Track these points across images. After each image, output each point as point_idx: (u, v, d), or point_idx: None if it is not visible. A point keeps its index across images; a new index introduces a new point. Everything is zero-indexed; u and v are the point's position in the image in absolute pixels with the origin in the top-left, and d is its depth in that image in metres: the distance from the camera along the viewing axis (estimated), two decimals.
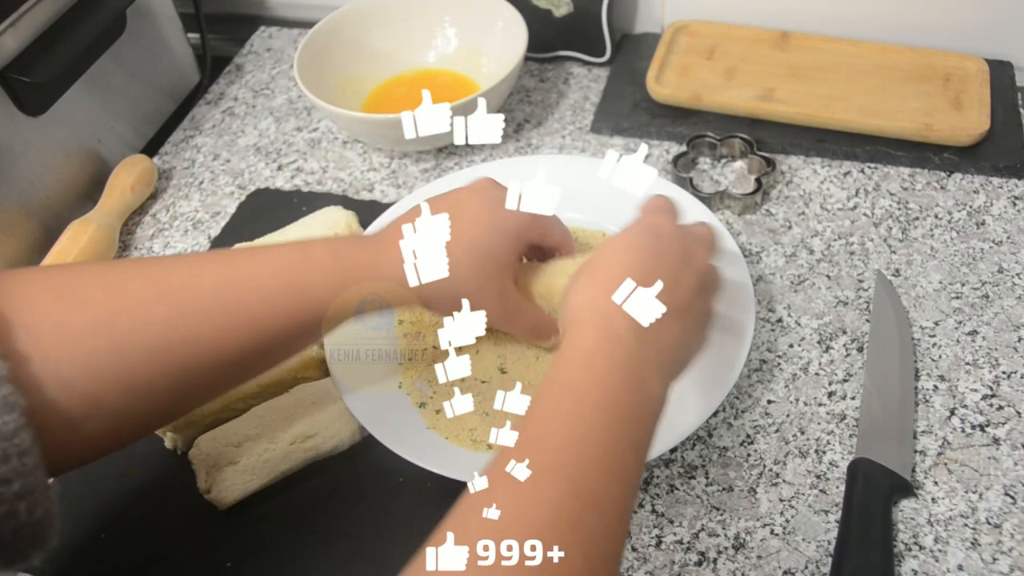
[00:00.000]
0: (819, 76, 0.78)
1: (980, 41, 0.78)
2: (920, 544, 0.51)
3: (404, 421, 0.56)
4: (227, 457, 0.54)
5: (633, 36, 0.88)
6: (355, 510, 0.55)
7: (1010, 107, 0.75)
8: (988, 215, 0.69)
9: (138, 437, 0.48)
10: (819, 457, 0.55)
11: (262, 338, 0.47)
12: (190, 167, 0.82)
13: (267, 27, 0.99)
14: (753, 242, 0.69)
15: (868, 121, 0.73)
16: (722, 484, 0.55)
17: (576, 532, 0.36)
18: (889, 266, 0.66)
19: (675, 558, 0.52)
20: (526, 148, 0.79)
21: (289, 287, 0.47)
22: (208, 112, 0.88)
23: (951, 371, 0.59)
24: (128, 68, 0.81)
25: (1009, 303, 0.62)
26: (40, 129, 0.72)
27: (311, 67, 0.77)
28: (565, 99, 0.84)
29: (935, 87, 0.76)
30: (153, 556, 0.55)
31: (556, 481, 0.37)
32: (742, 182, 0.73)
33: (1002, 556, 0.50)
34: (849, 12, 0.81)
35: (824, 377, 0.60)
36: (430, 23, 0.84)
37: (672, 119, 0.78)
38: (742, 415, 0.58)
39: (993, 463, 0.54)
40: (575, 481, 0.37)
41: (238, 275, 0.47)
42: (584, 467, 0.38)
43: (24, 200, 0.71)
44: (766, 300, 0.64)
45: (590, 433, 0.39)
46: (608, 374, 0.41)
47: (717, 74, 0.80)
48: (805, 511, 0.53)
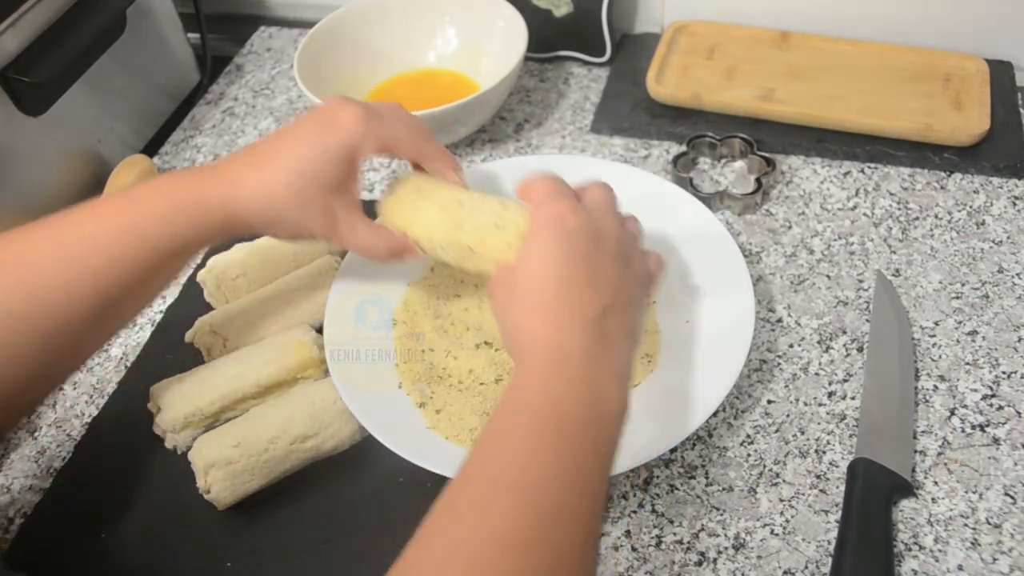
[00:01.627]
0: (819, 76, 0.78)
1: (980, 41, 0.78)
2: (920, 544, 0.51)
3: (404, 421, 0.56)
4: (227, 457, 0.53)
5: (633, 36, 0.88)
6: (355, 510, 0.55)
7: (1010, 107, 0.75)
8: (988, 215, 0.69)
9: (25, 407, 0.51)
10: (819, 457, 0.55)
11: (108, 287, 0.48)
12: (190, 167, 0.82)
13: (267, 27, 0.99)
14: (753, 242, 0.69)
15: (868, 121, 0.73)
16: (722, 484, 0.55)
17: (539, 545, 0.36)
18: (889, 266, 0.66)
19: (675, 558, 0.52)
20: (526, 148, 0.79)
21: (120, 232, 0.48)
22: (208, 112, 0.88)
23: (951, 371, 0.59)
24: (128, 68, 0.81)
25: (1009, 303, 0.62)
26: (40, 129, 0.72)
27: (311, 67, 0.77)
28: (565, 99, 0.84)
29: (935, 87, 0.76)
30: (153, 556, 0.54)
31: (516, 496, 0.37)
32: (742, 182, 0.73)
33: (1002, 556, 0.50)
34: (849, 12, 0.81)
35: (824, 377, 0.59)
36: (430, 23, 0.84)
37: (672, 119, 0.78)
38: (742, 415, 0.58)
39: (993, 463, 0.54)
40: (534, 494, 0.37)
41: (69, 232, 0.48)
42: (543, 481, 0.38)
43: (24, 200, 0.71)
44: (766, 300, 0.64)
45: (547, 448, 0.39)
46: (562, 392, 0.41)
47: (717, 74, 0.80)
48: (805, 511, 0.53)
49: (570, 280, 0.43)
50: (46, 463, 0.60)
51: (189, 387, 0.58)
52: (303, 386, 0.59)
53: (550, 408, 0.40)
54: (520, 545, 0.36)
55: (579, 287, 0.43)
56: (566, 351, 0.42)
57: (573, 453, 0.39)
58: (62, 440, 0.61)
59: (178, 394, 0.58)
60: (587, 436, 0.40)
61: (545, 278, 0.44)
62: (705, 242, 0.63)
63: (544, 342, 0.42)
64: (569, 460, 0.39)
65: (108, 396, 0.63)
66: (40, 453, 0.61)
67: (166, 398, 0.58)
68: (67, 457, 0.60)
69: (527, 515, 0.37)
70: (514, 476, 0.38)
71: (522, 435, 0.40)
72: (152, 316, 0.69)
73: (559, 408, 0.40)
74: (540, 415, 0.40)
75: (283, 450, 0.55)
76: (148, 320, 0.69)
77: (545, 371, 0.42)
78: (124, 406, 0.62)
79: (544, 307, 0.43)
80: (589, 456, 0.40)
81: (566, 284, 0.43)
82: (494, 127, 0.81)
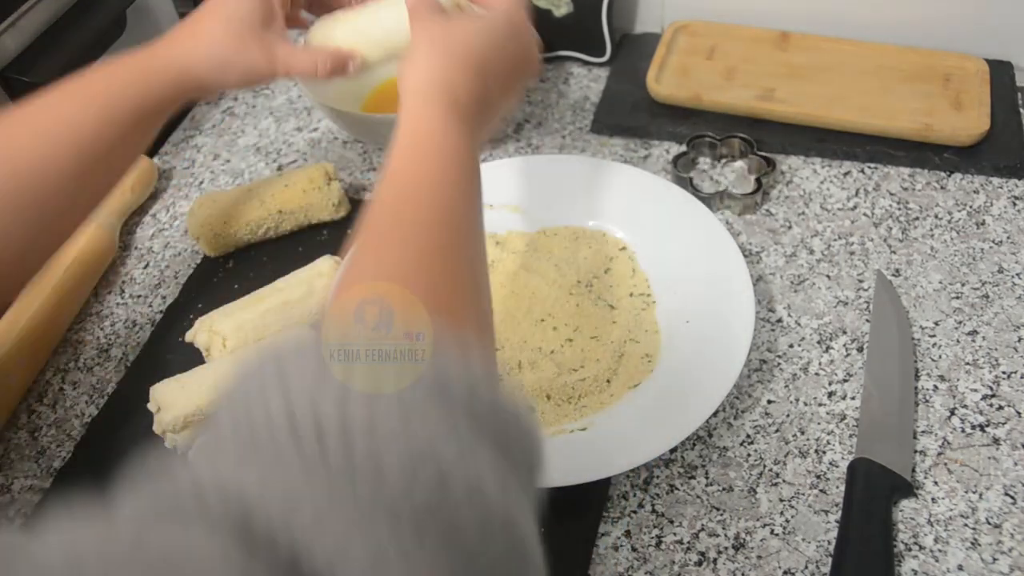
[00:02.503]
0: (819, 76, 0.78)
1: (980, 41, 0.78)
2: (920, 544, 0.51)
3: None
4: None
5: (633, 36, 0.88)
6: None
7: (1010, 107, 0.75)
8: (988, 215, 0.69)
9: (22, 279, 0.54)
10: (819, 457, 0.55)
11: (80, 157, 0.52)
12: (190, 167, 0.82)
13: None
14: (753, 242, 0.69)
15: (868, 121, 0.73)
16: (722, 484, 0.55)
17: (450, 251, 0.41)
18: (889, 266, 0.66)
19: (675, 558, 0.52)
20: (526, 148, 0.79)
21: (84, 106, 0.53)
22: (208, 112, 0.88)
23: (951, 371, 0.59)
24: None
25: (1009, 303, 0.62)
26: None
27: None
28: (565, 99, 0.84)
29: (935, 87, 0.76)
30: None
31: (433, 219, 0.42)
32: (742, 182, 0.73)
33: (1002, 556, 0.50)
34: (849, 12, 0.81)
35: (824, 377, 0.60)
36: None
37: (672, 119, 0.78)
38: (742, 415, 0.58)
39: (993, 463, 0.54)
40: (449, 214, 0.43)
41: (39, 110, 0.52)
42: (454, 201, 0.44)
43: None
44: (766, 300, 0.64)
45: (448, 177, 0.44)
46: (454, 149, 0.46)
47: (717, 74, 0.80)
48: (805, 511, 0.53)
49: (489, 61, 0.50)
50: (46, 463, 0.60)
51: (189, 387, 0.58)
52: None
53: (451, 168, 0.45)
54: (433, 250, 0.40)
55: (492, 69, 0.50)
56: (458, 100, 0.47)
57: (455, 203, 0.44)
58: (62, 440, 0.61)
59: (178, 394, 0.58)
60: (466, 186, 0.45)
61: (472, 46, 0.50)
62: (705, 242, 0.63)
63: (444, 86, 0.47)
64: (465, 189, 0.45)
65: (108, 396, 0.64)
66: (40, 453, 0.61)
67: (166, 398, 0.58)
68: (67, 457, 0.60)
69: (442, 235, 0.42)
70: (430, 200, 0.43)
71: (422, 184, 0.44)
72: (152, 316, 0.69)
73: (455, 167, 0.45)
74: (443, 174, 0.45)
75: None
76: (148, 320, 0.69)
77: (443, 128, 0.46)
78: (124, 406, 0.62)
79: (461, 60, 0.49)
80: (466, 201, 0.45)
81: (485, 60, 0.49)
82: None
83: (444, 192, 0.44)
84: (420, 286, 0.38)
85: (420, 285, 0.38)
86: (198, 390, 0.58)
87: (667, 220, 0.66)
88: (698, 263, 0.63)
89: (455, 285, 0.40)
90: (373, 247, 0.41)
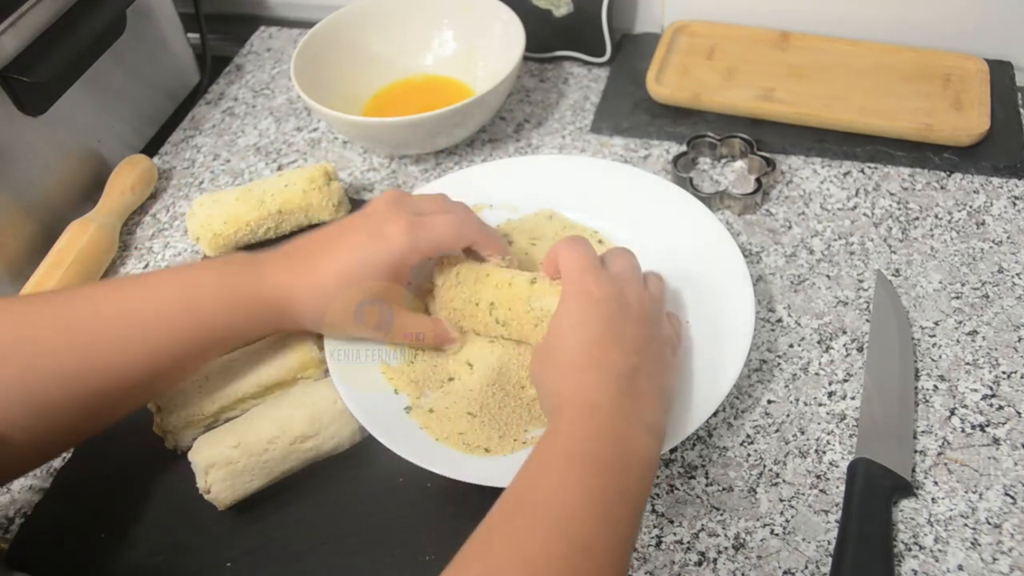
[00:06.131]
0: (819, 76, 0.78)
1: (980, 41, 0.78)
2: (920, 544, 0.51)
3: (404, 421, 0.56)
4: (227, 457, 0.53)
5: (633, 36, 0.88)
6: (355, 510, 0.55)
7: (1010, 107, 0.75)
8: (988, 215, 0.69)
9: (55, 454, 0.54)
10: (819, 457, 0.55)
11: (159, 360, 0.51)
12: (190, 167, 0.82)
13: (267, 27, 0.99)
14: (753, 242, 0.69)
15: (868, 121, 0.73)
16: (722, 484, 0.55)
17: (568, 574, 0.39)
18: (889, 266, 0.66)
19: (675, 558, 0.52)
20: (526, 148, 0.79)
21: (183, 312, 0.52)
22: (208, 112, 0.88)
23: (951, 371, 0.59)
24: (128, 68, 0.81)
25: (1009, 303, 0.62)
26: (40, 129, 0.72)
27: (308, 70, 0.77)
28: (565, 99, 0.84)
29: (935, 87, 0.76)
30: (153, 556, 0.54)
31: (547, 528, 0.40)
32: (742, 182, 0.73)
33: (1002, 556, 0.50)
34: (849, 12, 0.81)
35: (824, 377, 0.60)
36: (428, 26, 0.84)
37: (672, 119, 0.78)
38: (742, 415, 0.58)
39: (993, 463, 0.54)
40: (566, 526, 0.40)
41: (134, 302, 0.51)
42: (573, 515, 0.41)
43: (24, 200, 0.71)
44: (766, 300, 0.64)
45: (577, 486, 0.42)
46: (590, 436, 0.44)
47: (717, 74, 0.80)
48: (805, 511, 0.53)
49: (596, 343, 0.48)
50: (46, 463, 0.60)
51: (189, 387, 0.58)
52: (303, 386, 0.59)
53: (580, 451, 0.44)
54: (550, 572, 0.39)
55: (605, 349, 0.47)
56: (594, 403, 0.46)
57: (602, 490, 0.42)
58: None
59: (178, 394, 0.58)
60: (614, 478, 0.43)
61: (574, 344, 0.48)
62: (705, 242, 0.63)
63: (574, 397, 0.46)
64: (599, 497, 0.42)
65: None
66: None
67: (166, 398, 0.58)
68: (67, 457, 0.60)
69: (557, 545, 0.40)
70: (546, 510, 0.41)
71: (554, 474, 0.43)
72: None
73: (588, 451, 0.44)
74: (571, 457, 0.43)
75: (283, 450, 0.55)
76: None
77: (574, 420, 0.45)
78: None
79: (574, 368, 0.47)
80: (617, 496, 0.43)
81: (593, 346, 0.48)
82: (494, 127, 0.81)
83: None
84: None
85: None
86: (198, 390, 0.58)
87: (667, 220, 0.66)
88: (698, 263, 0.63)
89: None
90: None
